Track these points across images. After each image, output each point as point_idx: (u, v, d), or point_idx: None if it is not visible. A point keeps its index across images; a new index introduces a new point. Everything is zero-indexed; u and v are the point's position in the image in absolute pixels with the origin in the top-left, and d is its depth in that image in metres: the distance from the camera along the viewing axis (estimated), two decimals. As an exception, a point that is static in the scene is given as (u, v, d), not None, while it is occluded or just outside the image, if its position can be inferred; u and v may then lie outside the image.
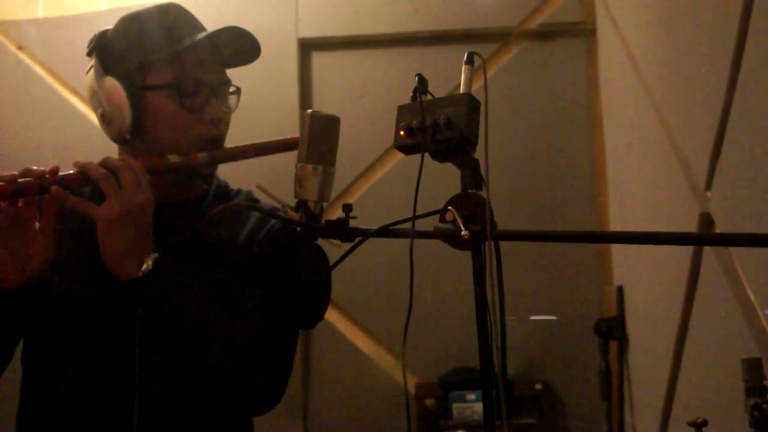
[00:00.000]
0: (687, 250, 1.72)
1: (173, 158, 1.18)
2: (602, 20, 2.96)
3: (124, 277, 1.08)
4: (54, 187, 1.08)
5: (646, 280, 2.35)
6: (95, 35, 1.24)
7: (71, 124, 3.15)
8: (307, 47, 3.27)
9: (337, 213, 0.98)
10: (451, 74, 1.24)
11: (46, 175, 1.09)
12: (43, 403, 1.19)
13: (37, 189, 1.08)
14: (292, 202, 0.97)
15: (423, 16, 3.20)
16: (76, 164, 1.11)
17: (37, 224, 1.12)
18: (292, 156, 1.01)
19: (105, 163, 1.10)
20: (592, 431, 2.87)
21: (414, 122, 0.89)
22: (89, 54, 1.24)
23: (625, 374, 2.65)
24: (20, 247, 1.10)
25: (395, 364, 3.00)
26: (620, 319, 2.69)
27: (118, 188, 1.08)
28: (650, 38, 2.12)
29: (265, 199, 1.24)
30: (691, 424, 0.97)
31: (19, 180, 1.08)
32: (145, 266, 1.08)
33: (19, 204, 1.09)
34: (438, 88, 0.90)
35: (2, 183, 1.06)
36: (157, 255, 1.09)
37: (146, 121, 1.20)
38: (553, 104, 3.15)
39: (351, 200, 3.09)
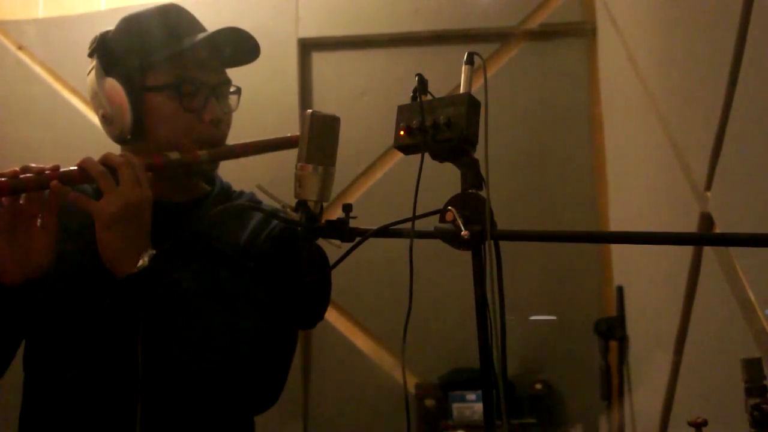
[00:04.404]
0: (687, 250, 1.72)
1: (173, 155, 1.18)
2: (602, 20, 2.96)
3: (120, 273, 1.09)
4: (53, 183, 1.08)
5: (646, 280, 2.35)
6: (96, 36, 1.25)
7: (71, 124, 3.15)
8: (307, 47, 3.27)
9: (337, 213, 0.97)
10: (451, 74, 1.24)
11: (46, 172, 1.09)
12: (46, 403, 1.18)
13: (36, 185, 1.09)
14: (292, 202, 0.97)
15: (423, 16, 3.19)
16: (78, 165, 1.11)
17: (38, 220, 1.12)
18: (292, 156, 1.01)
19: (104, 160, 1.11)
20: (592, 431, 2.86)
21: (414, 122, 0.89)
22: (90, 55, 1.24)
23: (625, 374, 2.64)
24: (21, 243, 1.10)
25: (395, 364, 3.00)
26: (620, 319, 2.69)
27: (115, 185, 1.09)
28: (650, 38, 2.12)
29: (265, 200, 1.24)
30: (691, 424, 0.97)
31: (19, 176, 1.08)
32: (140, 263, 1.08)
33: (20, 200, 1.10)
34: (438, 88, 0.90)
35: (2, 179, 1.07)
36: (154, 252, 1.09)
37: (147, 122, 1.20)
38: (553, 104, 3.15)
39: (351, 200, 3.09)
